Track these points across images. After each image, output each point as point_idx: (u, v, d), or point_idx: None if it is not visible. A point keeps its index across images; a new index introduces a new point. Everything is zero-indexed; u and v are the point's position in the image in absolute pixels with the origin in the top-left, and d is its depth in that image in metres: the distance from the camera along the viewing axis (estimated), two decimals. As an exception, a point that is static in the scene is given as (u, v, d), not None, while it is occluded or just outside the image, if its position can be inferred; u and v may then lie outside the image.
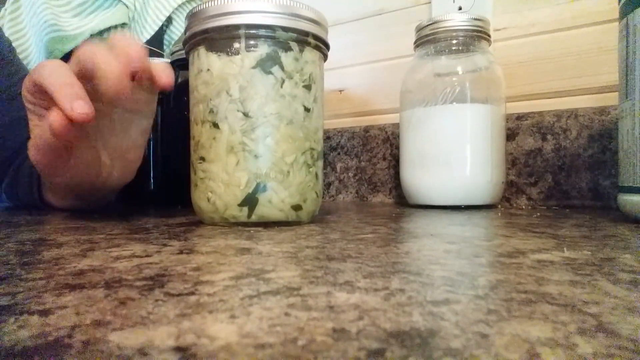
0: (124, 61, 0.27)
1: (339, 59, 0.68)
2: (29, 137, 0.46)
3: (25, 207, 0.47)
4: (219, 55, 0.29)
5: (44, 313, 0.10)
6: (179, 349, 0.08)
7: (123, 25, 0.66)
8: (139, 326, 0.10)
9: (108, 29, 0.65)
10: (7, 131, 0.46)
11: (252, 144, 0.28)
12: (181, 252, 0.19)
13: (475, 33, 0.47)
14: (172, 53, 0.52)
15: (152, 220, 0.34)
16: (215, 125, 0.29)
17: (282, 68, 0.29)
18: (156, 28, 0.67)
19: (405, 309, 0.11)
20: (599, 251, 0.19)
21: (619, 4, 0.33)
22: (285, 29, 0.29)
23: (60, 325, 0.10)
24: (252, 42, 0.28)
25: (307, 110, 0.30)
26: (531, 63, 0.54)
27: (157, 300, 0.11)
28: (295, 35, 0.29)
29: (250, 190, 0.28)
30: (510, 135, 0.53)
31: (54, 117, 0.26)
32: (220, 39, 0.29)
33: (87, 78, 0.28)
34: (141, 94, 0.32)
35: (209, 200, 0.29)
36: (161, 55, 0.70)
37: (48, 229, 0.28)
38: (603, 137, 0.49)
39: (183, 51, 0.35)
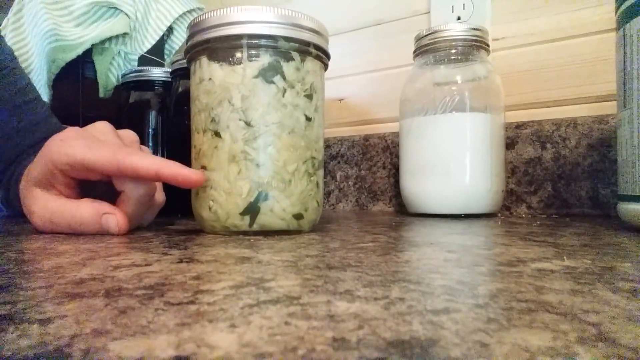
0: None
1: (339, 68, 0.68)
2: (26, 146, 0.45)
3: (23, 215, 0.47)
4: (221, 64, 0.29)
5: (44, 322, 0.10)
6: (178, 358, 0.08)
7: (124, 35, 0.66)
8: (138, 335, 0.10)
9: (109, 39, 0.65)
10: (7, 141, 0.46)
11: (254, 153, 0.29)
12: (181, 261, 0.19)
13: (474, 42, 0.47)
14: (173, 62, 0.52)
15: (152, 228, 0.34)
16: (217, 134, 0.29)
17: (283, 77, 0.29)
18: (157, 38, 0.68)
19: (405, 318, 0.11)
20: (599, 260, 0.19)
21: (616, 14, 0.34)
22: (287, 39, 0.29)
23: (60, 335, 0.10)
24: (254, 51, 0.29)
25: (308, 119, 0.30)
26: (530, 72, 0.55)
27: (157, 310, 0.11)
28: (296, 45, 0.29)
29: (252, 199, 0.28)
30: (510, 144, 0.54)
31: (118, 221, 0.29)
32: (222, 48, 0.29)
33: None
34: None
35: (210, 209, 0.29)
36: (162, 65, 0.70)
37: (48, 237, 0.28)
38: (602, 145, 0.49)
39: (184, 60, 0.35)
